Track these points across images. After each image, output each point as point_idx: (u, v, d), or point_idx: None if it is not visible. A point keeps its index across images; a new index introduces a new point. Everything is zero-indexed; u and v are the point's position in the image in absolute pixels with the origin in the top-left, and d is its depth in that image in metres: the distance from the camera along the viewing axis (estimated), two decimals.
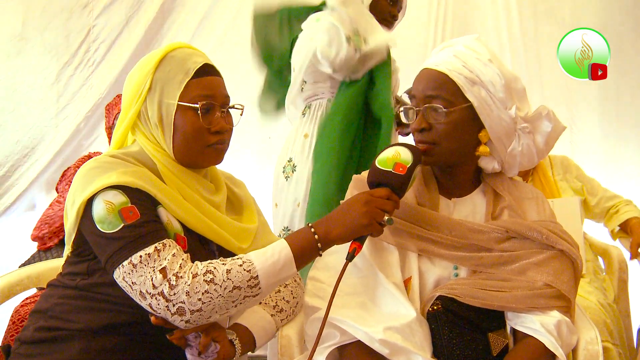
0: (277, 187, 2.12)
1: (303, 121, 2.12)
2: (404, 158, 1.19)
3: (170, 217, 1.17)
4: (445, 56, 1.28)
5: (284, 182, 2.09)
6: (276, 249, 1.13)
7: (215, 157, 1.24)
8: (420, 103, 1.27)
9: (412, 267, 1.26)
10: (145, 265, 1.07)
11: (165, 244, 1.10)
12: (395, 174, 1.17)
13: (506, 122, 1.27)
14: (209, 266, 1.09)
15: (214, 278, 1.07)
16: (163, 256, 1.08)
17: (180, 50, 1.22)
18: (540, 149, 1.32)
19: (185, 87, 1.18)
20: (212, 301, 1.07)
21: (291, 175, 2.07)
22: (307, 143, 2.07)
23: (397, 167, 1.17)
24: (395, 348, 1.12)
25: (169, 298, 1.05)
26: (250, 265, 1.10)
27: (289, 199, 2.07)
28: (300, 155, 2.07)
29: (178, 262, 1.08)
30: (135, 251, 1.08)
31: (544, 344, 1.15)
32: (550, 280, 1.20)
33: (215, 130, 1.21)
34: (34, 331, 1.18)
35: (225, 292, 1.07)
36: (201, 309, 1.06)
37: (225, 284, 1.07)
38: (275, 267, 1.11)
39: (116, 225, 1.09)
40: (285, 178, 2.08)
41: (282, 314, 1.31)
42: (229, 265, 1.10)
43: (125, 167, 1.16)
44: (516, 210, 1.29)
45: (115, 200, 1.10)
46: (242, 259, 1.12)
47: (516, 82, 1.29)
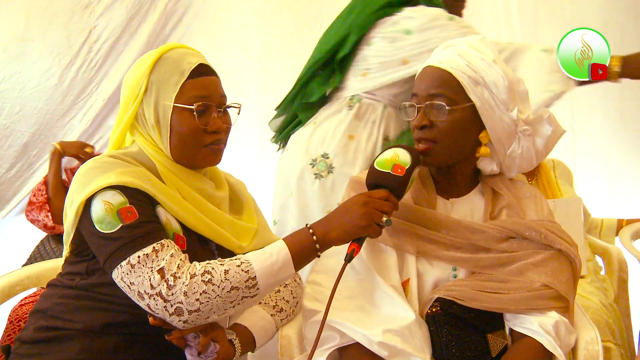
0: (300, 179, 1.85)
1: (349, 117, 1.85)
2: (402, 160, 1.19)
3: (169, 216, 1.17)
4: (449, 55, 1.28)
5: (311, 179, 1.83)
6: (275, 249, 1.13)
7: (212, 157, 1.24)
8: (423, 100, 1.27)
9: (410, 269, 1.26)
10: (143, 265, 1.07)
11: (163, 244, 1.10)
12: (393, 175, 1.17)
13: (507, 124, 1.27)
14: (207, 266, 1.09)
15: (211, 278, 1.07)
16: (161, 256, 1.08)
17: (174, 50, 1.22)
18: (540, 152, 1.32)
19: (180, 88, 1.18)
20: (210, 301, 1.07)
21: (325, 176, 1.82)
22: (353, 146, 1.82)
23: (395, 169, 1.18)
24: (395, 350, 1.12)
25: (167, 298, 1.05)
26: (249, 266, 1.10)
27: (314, 199, 1.82)
28: (342, 157, 1.81)
29: (176, 262, 1.08)
30: (134, 251, 1.08)
31: (541, 344, 1.15)
32: (549, 281, 1.20)
33: (211, 131, 1.21)
34: (34, 331, 1.19)
35: (223, 293, 1.07)
36: (199, 310, 1.07)
37: (223, 285, 1.07)
38: (274, 268, 1.11)
39: (114, 225, 1.09)
40: (314, 175, 1.83)
41: (282, 314, 1.32)
42: (227, 266, 1.10)
43: (124, 167, 1.16)
44: (515, 209, 1.29)
45: (114, 201, 1.10)
46: (240, 259, 1.12)
47: (519, 84, 1.29)
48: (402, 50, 1.82)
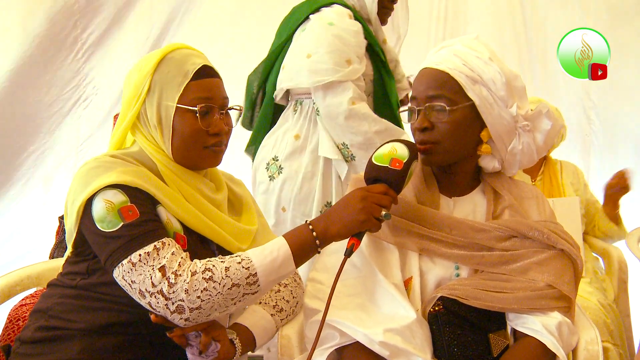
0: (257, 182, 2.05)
1: (294, 119, 2.04)
2: (400, 153, 1.19)
3: (170, 216, 1.17)
4: (446, 55, 1.28)
5: (266, 181, 2.01)
6: (275, 246, 1.13)
7: (214, 158, 1.25)
8: (422, 103, 1.27)
9: (412, 267, 1.25)
10: (144, 263, 1.07)
11: (164, 242, 1.10)
12: (391, 169, 1.17)
13: (507, 120, 1.27)
14: (208, 264, 1.09)
15: (212, 276, 1.07)
16: (162, 255, 1.08)
17: (179, 51, 1.22)
18: (540, 147, 1.32)
19: (184, 89, 1.18)
20: (211, 299, 1.07)
21: (276, 177, 1.99)
22: (298, 145, 1.99)
23: (393, 163, 1.18)
24: (396, 350, 1.11)
25: (168, 296, 1.05)
26: (249, 263, 1.10)
27: (270, 201, 2.00)
28: (289, 158, 1.99)
29: (177, 260, 1.08)
30: (135, 250, 1.08)
31: (543, 344, 1.15)
32: (552, 280, 1.20)
33: (213, 132, 1.21)
34: (34, 331, 1.18)
35: (224, 290, 1.07)
36: (200, 307, 1.07)
37: (224, 282, 1.07)
38: (274, 264, 1.11)
39: (116, 224, 1.09)
40: (269, 177, 2.01)
41: (282, 314, 1.32)
42: (228, 263, 1.10)
43: (125, 166, 1.16)
44: (517, 210, 1.29)
45: (115, 199, 1.10)
46: (241, 256, 1.12)
47: (516, 80, 1.29)
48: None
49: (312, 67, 1.90)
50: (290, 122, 2.05)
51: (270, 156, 2.02)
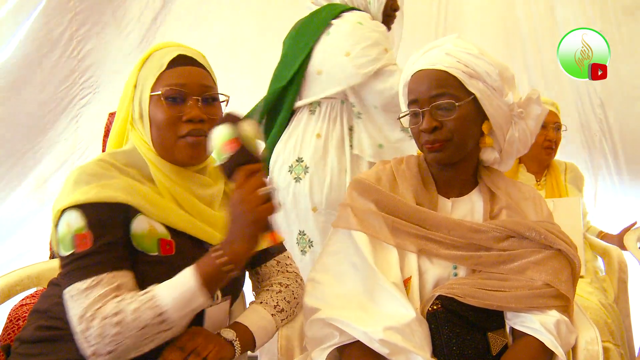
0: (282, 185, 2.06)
1: (312, 120, 2.08)
2: (224, 136, 1.08)
3: (154, 222, 1.15)
4: (438, 55, 1.29)
5: (291, 184, 2.04)
6: (185, 277, 1.08)
7: (190, 150, 1.19)
8: (425, 104, 1.27)
9: (411, 266, 1.26)
10: (76, 300, 1.07)
11: (100, 280, 1.07)
12: (234, 154, 1.07)
13: (504, 110, 1.29)
14: (119, 305, 1.06)
15: (122, 320, 1.04)
16: (91, 294, 1.06)
17: (164, 49, 1.23)
18: (533, 133, 1.35)
19: (157, 78, 1.18)
20: (124, 341, 1.04)
21: (303, 177, 2.02)
22: (321, 144, 2.03)
23: (227, 149, 1.07)
24: (395, 348, 1.12)
25: (86, 338, 1.05)
26: (157, 302, 1.06)
27: (300, 202, 2.03)
28: (313, 157, 2.03)
29: (99, 303, 1.06)
30: (73, 282, 1.08)
31: (542, 342, 1.15)
32: (550, 279, 1.20)
33: (187, 119, 1.18)
34: (34, 330, 1.18)
35: (134, 333, 1.04)
36: (116, 349, 1.05)
37: (134, 324, 1.04)
38: (185, 297, 1.06)
39: (67, 250, 1.10)
40: (294, 179, 2.03)
41: (282, 314, 1.31)
42: (137, 303, 1.06)
43: (108, 179, 1.14)
44: (515, 210, 1.30)
45: (74, 224, 1.09)
46: (152, 292, 1.07)
47: (507, 70, 1.31)
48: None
49: (356, 62, 1.98)
50: (308, 123, 2.08)
51: (293, 158, 2.05)
